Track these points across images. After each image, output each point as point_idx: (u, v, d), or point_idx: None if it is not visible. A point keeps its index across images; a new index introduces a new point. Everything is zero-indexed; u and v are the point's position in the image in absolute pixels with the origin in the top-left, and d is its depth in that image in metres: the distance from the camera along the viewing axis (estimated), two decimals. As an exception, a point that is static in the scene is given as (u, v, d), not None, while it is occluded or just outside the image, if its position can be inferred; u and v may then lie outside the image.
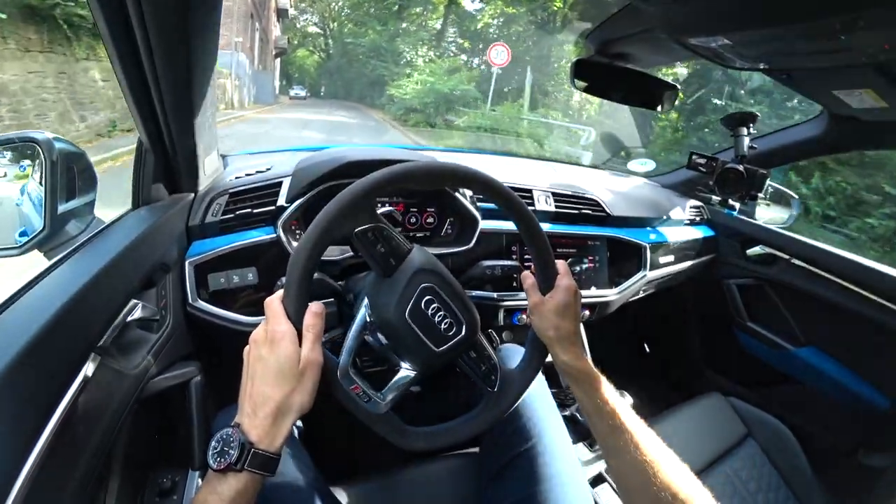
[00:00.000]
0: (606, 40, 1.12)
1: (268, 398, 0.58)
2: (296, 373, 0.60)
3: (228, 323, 0.97)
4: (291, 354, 0.60)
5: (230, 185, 1.05)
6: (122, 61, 0.72)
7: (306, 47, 49.78)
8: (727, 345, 1.72)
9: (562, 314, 0.78)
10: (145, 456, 0.93)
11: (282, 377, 0.59)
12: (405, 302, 0.68)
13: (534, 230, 0.77)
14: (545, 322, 0.78)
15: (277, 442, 0.58)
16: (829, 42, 0.75)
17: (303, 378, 0.60)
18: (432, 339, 0.70)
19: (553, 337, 0.77)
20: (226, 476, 0.55)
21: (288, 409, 0.59)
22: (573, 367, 0.76)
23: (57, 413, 0.56)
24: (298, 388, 0.60)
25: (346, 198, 0.64)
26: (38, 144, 0.81)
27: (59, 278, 0.69)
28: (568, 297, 0.80)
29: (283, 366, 0.59)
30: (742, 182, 1.52)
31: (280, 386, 0.59)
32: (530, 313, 0.81)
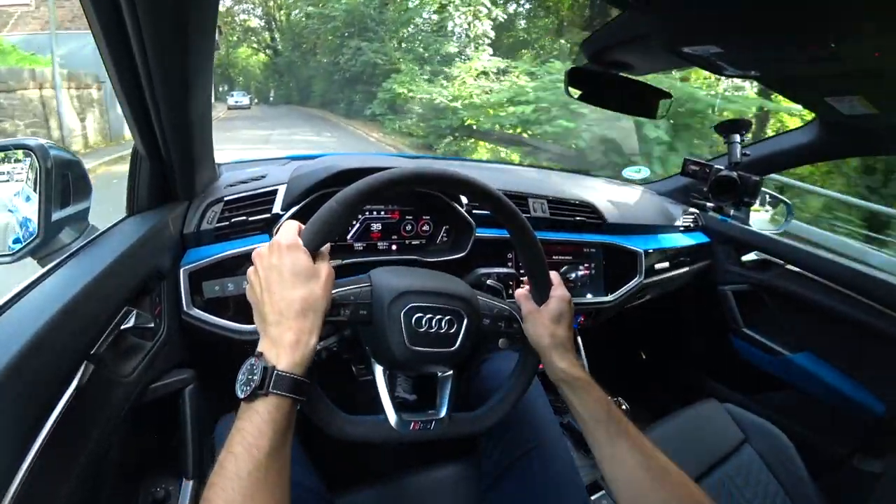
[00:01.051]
0: (600, 48, 1.13)
1: (292, 299, 0.58)
2: (312, 272, 0.60)
3: (223, 331, 0.97)
4: (305, 257, 0.61)
5: (225, 193, 1.05)
6: (118, 69, 0.72)
7: (248, 44, 41.47)
8: (723, 351, 1.72)
9: (557, 321, 0.78)
10: (139, 464, 0.92)
11: (301, 276, 0.59)
12: (399, 335, 0.68)
13: (528, 239, 0.77)
14: (541, 329, 0.78)
15: (307, 351, 0.57)
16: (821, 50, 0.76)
17: (319, 278, 0.61)
18: (444, 345, 0.71)
19: (549, 344, 0.77)
20: (254, 403, 0.54)
21: (313, 304, 0.59)
22: (569, 375, 0.75)
23: (50, 421, 0.56)
24: (318, 284, 0.60)
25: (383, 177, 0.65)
26: (33, 151, 0.81)
27: (52, 285, 0.68)
28: (563, 306, 0.79)
29: (298, 266, 0.60)
30: (736, 189, 1.53)
31: (301, 285, 0.59)
32: (524, 321, 0.81)
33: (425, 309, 0.70)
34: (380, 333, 0.69)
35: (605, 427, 0.70)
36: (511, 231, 0.77)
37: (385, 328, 0.68)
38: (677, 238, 1.62)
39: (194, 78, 0.76)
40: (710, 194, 1.61)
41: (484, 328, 0.78)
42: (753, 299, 1.61)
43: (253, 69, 45.84)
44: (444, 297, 0.72)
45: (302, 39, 29.88)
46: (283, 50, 35.68)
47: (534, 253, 0.78)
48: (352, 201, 0.64)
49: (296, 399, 0.56)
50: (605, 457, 0.70)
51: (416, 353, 0.69)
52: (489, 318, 0.79)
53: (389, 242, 1.17)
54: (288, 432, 0.56)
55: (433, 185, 0.72)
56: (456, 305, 0.72)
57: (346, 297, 0.68)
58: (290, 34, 32.85)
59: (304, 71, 30.52)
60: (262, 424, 0.53)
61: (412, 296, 0.69)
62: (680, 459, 0.67)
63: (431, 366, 0.73)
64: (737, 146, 1.52)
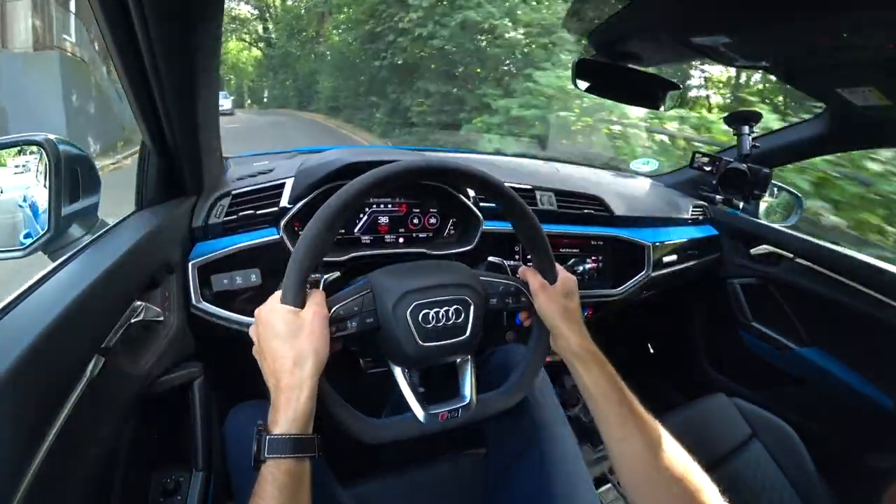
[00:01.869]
0: (608, 39, 1.12)
1: (282, 361, 0.60)
2: (294, 327, 0.61)
3: (231, 324, 0.97)
4: (287, 312, 0.62)
5: (233, 186, 1.05)
6: (124, 64, 0.72)
7: (238, 37, 36.65)
8: (732, 345, 1.71)
9: (567, 296, 0.79)
10: (149, 456, 0.93)
11: (282, 336, 0.61)
12: (410, 336, 0.69)
13: (524, 216, 0.77)
14: (553, 303, 0.78)
15: (300, 406, 0.58)
16: (832, 40, 0.75)
17: (303, 329, 0.61)
18: (456, 335, 0.72)
19: (562, 318, 0.77)
20: (261, 471, 0.56)
21: (299, 359, 0.60)
22: (581, 348, 0.75)
23: (62, 413, 0.56)
24: (302, 336, 0.61)
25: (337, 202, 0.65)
26: (42, 146, 0.81)
27: (63, 280, 0.69)
28: (571, 282, 0.81)
29: (278, 328, 0.61)
30: (745, 181, 1.52)
31: (285, 344, 0.61)
32: (534, 297, 0.81)
33: (430, 304, 0.70)
34: (391, 336, 0.69)
35: (615, 406, 0.70)
36: (507, 212, 0.77)
37: (395, 331, 0.68)
38: (685, 231, 1.61)
39: (201, 72, 0.76)
40: (719, 186, 1.59)
41: (492, 308, 0.79)
42: (762, 293, 1.60)
43: (245, 66, 41.63)
44: (447, 288, 0.72)
45: (300, 24, 25.28)
46: (278, 40, 29.94)
47: (534, 232, 0.78)
48: (330, 218, 0.64)
49: (297, 458, 0.57)
50: (612, 435, 0.70)
51: (430, 349, 0.70)
52: (495, 296, 0.79)
53: (397, 235, 1.18)
54: (300, 492, 0.57)
55: (415, 178, 0.71)
56: (460, 294, 0.72)
57: (351, 309, 0.69)
58: (286, 21, 27.89)
59: (305, 65, 25.09)
60: (270, 488, 0.55)
61: (414, 294, 0.70)
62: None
63: (448, 357, 0.74)
64: (746, 138, 1.50)
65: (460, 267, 0.79)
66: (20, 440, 0.51)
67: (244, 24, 36.04)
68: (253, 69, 40.25)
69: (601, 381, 0.72)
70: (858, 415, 1.40)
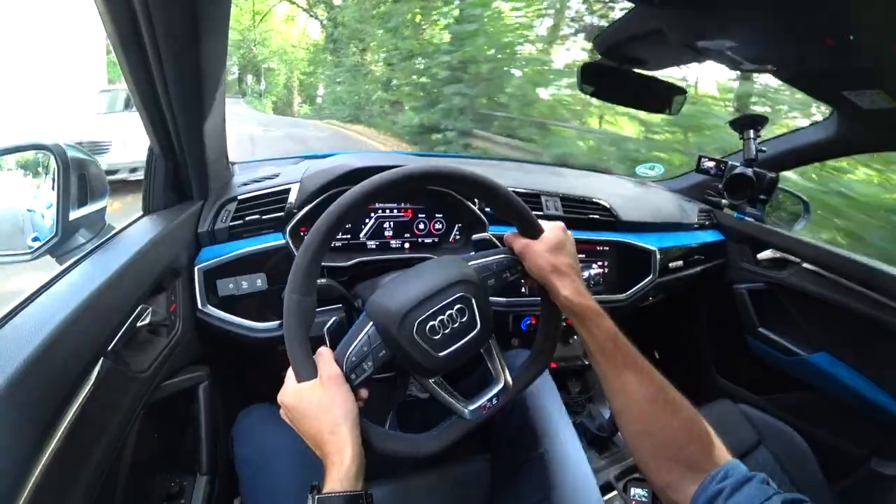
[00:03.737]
0: (613, 43, 1.12)
1: (317, 429, 0.62)
2: (319, 395, 0.63)
3: (237, 328, 0.98)
4: (306, 390, 0.64)
5: (239, 192, 1.06)
6: (132, 70, 0.73)
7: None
8: (738, 351, 1.70)
9: (555, 250, 0.76)
10: (153, 460, 0.93)
11: (312, 407, 0.63)
12: (426, 352, 0.69)
13: (493, 191, 0.76)
14: (540, 260, 0.75)
15: (346, 464, 0.60)
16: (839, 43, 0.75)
17: (328, 391, 0.63)
18: (467, 333, 0.72)
19: (551, 273, 0.75)
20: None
21: (336, 423, 0.62)
22: (575, 303, 0.72)
23: (68, 416, 0.57)
24: (329, 401, 0.63)
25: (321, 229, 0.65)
26: (51, 151, 0.82)
27: (70, 283, 0.70)
28: (558, 234, 0.78)
29: (305, 400, 0.63)
30: (751, 186, 1.51)
31: (316, 413, 0.63)
32: (522, 259, 0.79)
33: (432, 315, 0.69)
34: (408, 359, 0.69)
35: (612, 358, 0.69)
36: (485, 198, 0.77)
37: (408, 353, 0.68)
38: (691, 236, 1.60)
39: (207, 78, 0.77)
40: (725, 191, 1.59)
41: (493, 287, 0.78)
42: (769, 298, 1.58)
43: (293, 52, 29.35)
44: (442, 292, 0.71)
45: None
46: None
47: (506, 199, 0.77)
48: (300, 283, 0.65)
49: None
50: (612, 389, 0.69)
51: (449, 356, 0.70)
52: (492, 276, 0.79)
53: (402, 241, 1.18)
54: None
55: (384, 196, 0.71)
56: (456, 292, 0.71)
57: (361, 352, 0.68)
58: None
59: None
60: None
61: (414, 312, 0.69)
62: None
63: (469, 354, 0.73)
64: (752, 142, 1.49)
65: (449, 261, 0.77)
66: (26, 442, 0.51)
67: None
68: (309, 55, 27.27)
69: (597, 336, 0.70)
70: (867, 421, 1.39)
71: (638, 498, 1.26)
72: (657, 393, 0.64)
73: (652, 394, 0.64)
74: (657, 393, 0.64)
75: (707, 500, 0.54)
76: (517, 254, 0.79)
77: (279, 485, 0.84)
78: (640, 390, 0.65)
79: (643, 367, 0.67)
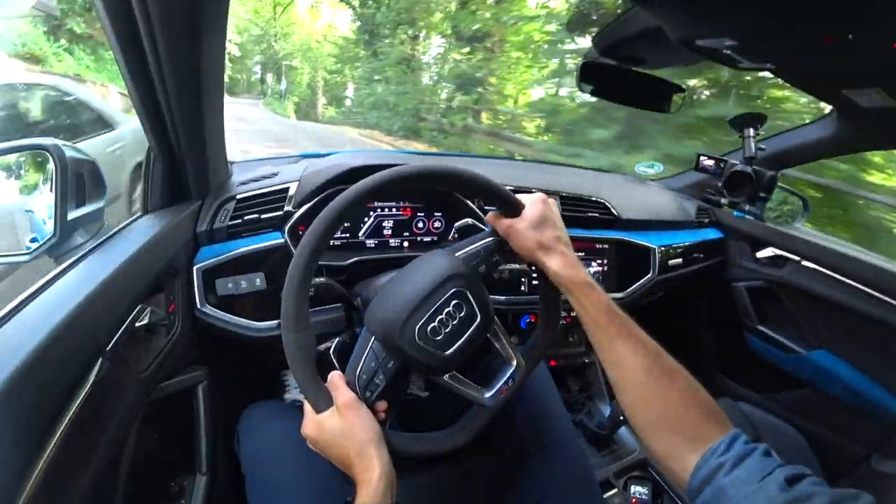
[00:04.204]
0: (612, 42, 1.12)
1: (344, 455, 0.64)
2: (339, 423, 0.64)
3: (236, 328, 0.97)
4: (325, 421, 0.65)
5: (238, 191, 1.05)
6: (130, 68, 0.73)
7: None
8: (737, 349, 1.70)
9: (539, 226, 0.74)
10: (153, 460, 0.93)
11: (335, 437, 0.64)
12: (432, 354, 0.69)
13: (465, 178, 0.74)
14: (525, 239, 0.74)
15: (376, 482, 0.61)
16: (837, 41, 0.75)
17: (346, 417, 0.64)
18: (468, 326, 0.72)
19: (538, 249, 0.73)
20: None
21: (361, 446, 0.63)
22: (564, 277, 0.71)
23: (67, 417, 0.57)
24: (349, 426, 0.64)
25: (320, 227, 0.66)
26: (48, 151, 0.81)
27: (68, 283, 0.69)
28: (540, 207, 0.76)
29: (327, 431, 0.65)
30: (751, 184, 1.51)
31: (341, 441, 0.64)
32: (508, 239, 0.76)
33: (430, 317, 0.69)
34: (416, 363, 0.69)
35: (605, 330, 0.68)
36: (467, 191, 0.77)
37: (416, 358, 0.68)
38: (691, 234, 1.60)
39: (206, 76, 0.77)
40: (725, 190, 1.59)
41: (484, 274, 0.78)
42: (768, 296, 1.59)
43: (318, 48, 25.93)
44: (435, 291, 0.70)
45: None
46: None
47: (478, 182, 0.75)
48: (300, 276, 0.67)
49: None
50: (606, 360, 0.68)
51: (454, 353, 0.70)
52: (481, 263, 0.78)
53: (401, 239, 1.18)
54: None
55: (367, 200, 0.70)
56: (449, 288, 0.71)
57: (370, 368, 0.69)
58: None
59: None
60: None
61: (411, 318, 0.68)
62: None
63: (476, 345, 0.73)
64: (751, 140, 1.49)
65: (436, 257, 0.76)
66: (25, 442, 0.51)
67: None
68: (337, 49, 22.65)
69: (588, 308, 0.69)
70: (867, 419, 1.39)
71: (638, 495, 1.26)
72: (653, 362, 0.64)
73: (648, 363, 0.64)
74: (653, 362, 0.64)
75: (708, 473, 0.53)
76: (502, 236, 0.77)
77: (285, 481, 0.84)
78: (636, 360, 0.64)
79: (637, 337, 0.67)
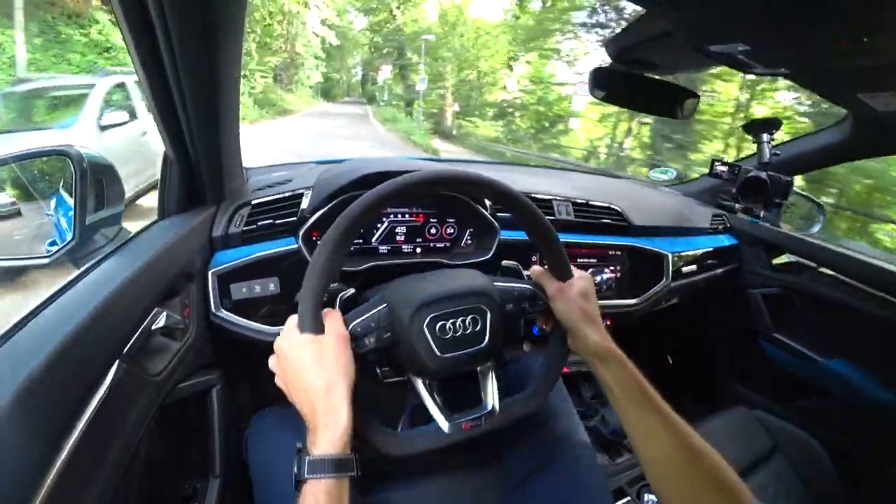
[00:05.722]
0: (624, 47, 1.12)
1: (313, 384, 0.61)
2: (319, 356, 0.62)
3: (250, 332, 0.98)
4: (309, 341, 0.62)
5: (253, 197, 1.07)
6: (147, 76, 0.74)
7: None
8: (753, 356, 1.68)
9: (586, 297, 0.79)
10: (167, 462, 0.94)
11: (310, 367, 0.61)
12: (429, 348, 0.69)
13: (536, 219, 0.77)
14: (572, 305, 0.77)
15: (340, 428, 0.59)
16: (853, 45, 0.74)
17: (332, 347, 0.62)
18: (474, 344, 0.71)
19: (581, 319, 0.76)
20: (302, 492, 0.58)
21: (334, 382, 0.61)
22: (602, 348, 0.74)
23: (83, 418, 0.57)
24: (329, 363, 0.62)
25: (353, 213, 0.66)
26: (69, 157, 0.83)
27: (87, 287, 0.71)
28: (587, 283, 0.81)
29: (303, 360, 0.62)
30: (766, 190, 1.50)
31: (313, 374, 0.61)
32: (552, 300, 0.80)
33: (446, 315, 0.70)
34: (409, 350, 0.69)
35: (637, 403, 0.69)
36: (520, 218, 0.77)
37: (413, 344, 0.68)
38: (705, 240, 1.59)
39: (222, 83, 0.78)
40: (739, 195, 1.57)
41: (509, 313, 0.78)
42: (784, 303, 1.57)
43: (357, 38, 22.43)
44: (461, 297, 0.72)
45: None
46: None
47: (547, 233, 0.78)
48: (336, 242, 0.65)
49: (337, 477, 0.58)
50: (637, 434, 0.69)
51: (450, 360, 0.69)
52: (511, 301, 0.79)
53: (414, 245, 1.18)
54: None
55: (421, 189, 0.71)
56: (475, 302, 0.72)
57: (367, 326, 0.69)
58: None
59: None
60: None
61: (429, 306, 0.69)
62: None
63: (468, 366, 0.74)
64: (766, 145, 1.48)
65: (474, 274, 0.79)
66: (43, 443, 0.52)
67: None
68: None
69: (623, 380, 0.71)
70: (886, 428, 1.36)
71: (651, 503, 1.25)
72: (684, 439, 0.65)
73: (678, 440, 0.65)
74: (684, 439, 0.65)
75: None
76: (548, 294, 0.81)
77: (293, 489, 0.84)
78: (666, 435, 0.65)
79: (668, 413, 0.68)
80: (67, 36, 10.39)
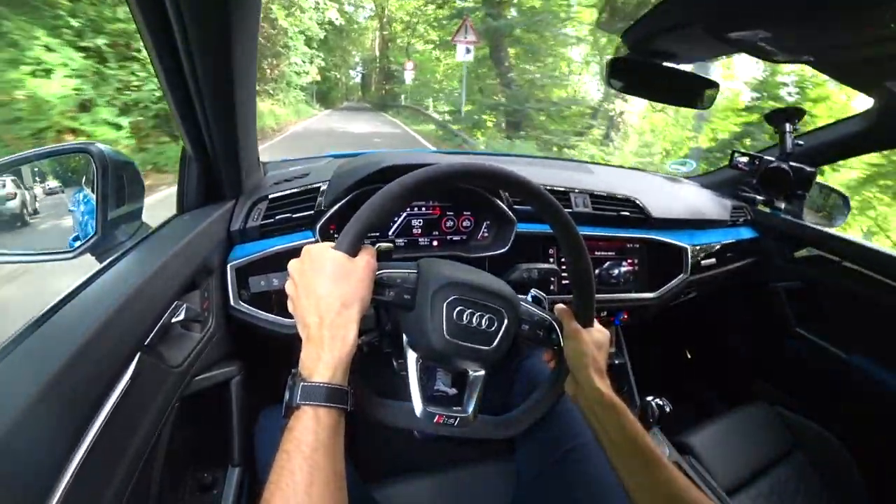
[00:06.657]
0: (642, 37, 1.10)
1: (329, 294, 0.59)
2: (348, 270, 0.61)
3: (268, 325, 1.00)
4: (340, 255, 0.61)
5: (270, 191, 1.08)
6: (165, 74, 0.75)
7: None
8: (774, 352, 1.65)
9: (600, 349, 0.80)
10: (187, 452, 0.96)
11: (338, 275, 0.60)
12: (439, 325, 0.68)
13: (582, 263, 0.78)
14: (585, 349, 0.77)
15: (346, 347, 0.57)
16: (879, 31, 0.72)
17: (355, 274, 0.61)
18: (481, 342, 0.71)
19: (590, 366, 0.77)
20: (291, 421, 0.54)
21: (351, 299, 0.60)
22: (606, 396, 0.75)
23: (106, 408, 0.59)
24: (355, 280, 0.61)
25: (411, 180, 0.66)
26: (91, 154, 0.85)
27: (109, 280, 0.72)
28: (605, 338, 0.83)
29: (333, 266, 0.61)
30: (787, 181, 1.46)
31: (338, 283, 0.60)
32: (567, 337, 0.80)
33: (468, 303, 0.69)
34: (420, 320, 0.69)
35: (638, 454, 0.69)
36: (561, 239, 0.77)
37: (426, 315, 0.68)
38: (725, 233, 1.56)
39: (239, 79, 0.78)
40: (760, 187, 1.54)
41: (522, 333, 0.78)
42: (807, 297, 1.53)
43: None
44: (489, 294, 0.71)
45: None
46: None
47: (586, 274, 0.79)
48: (397, 194, 0.65)
49: (332, 407, 0.55)
50: (636, 485, 0.69)
51: (453, 346, 0.69)
52: (528, 323, 0.79)
53: (430, 238, 1.18)
54: (334, 445, 0.54)
55: (479, 181, 0.71)
56: (499, 305, 0.72)
57: (393, 279, 0.69)
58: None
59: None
60: (304, 436, 0.52)
61: (457, 288, 0.69)
62: (726, 464, 0.65)
63: (466, 361, 0.73)
64: (788, 136, 1.45)
65: (506, 284, 0.78)
66: (66, 433, 0.53)
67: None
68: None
69: (624, 430, 0.71)
70: None
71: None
72: (681, 492, 0.65)
73: (676, 494, 0.65)
74: (681, 492, 0.65)
75: None
76: (564, 332, 0.80)
77: None
78: (665, 489, 0.65)
79: (667, 466, 0.67)
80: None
